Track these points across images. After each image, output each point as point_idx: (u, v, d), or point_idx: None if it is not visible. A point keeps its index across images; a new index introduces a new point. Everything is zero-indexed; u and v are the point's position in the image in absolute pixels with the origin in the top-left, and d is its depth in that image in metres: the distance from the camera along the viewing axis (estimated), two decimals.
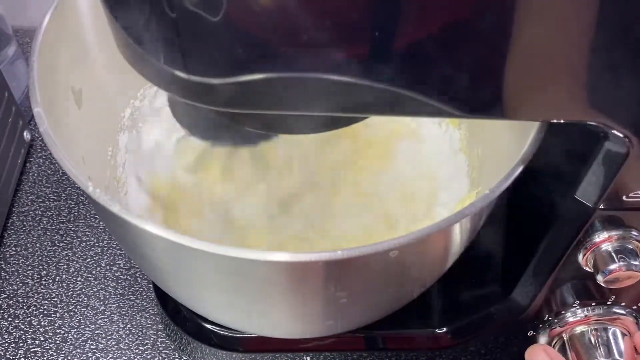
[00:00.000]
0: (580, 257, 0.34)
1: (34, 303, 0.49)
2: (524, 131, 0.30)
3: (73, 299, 0.49)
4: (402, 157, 0.49)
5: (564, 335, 0.39)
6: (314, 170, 0.46)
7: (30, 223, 0.54)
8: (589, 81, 0.24)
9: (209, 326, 0.41)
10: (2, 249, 0.52)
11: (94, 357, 0.46)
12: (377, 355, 0.43)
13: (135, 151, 0.45)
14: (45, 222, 0.54)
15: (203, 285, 0.32)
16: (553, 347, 0.41)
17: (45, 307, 0.49)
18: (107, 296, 0.49)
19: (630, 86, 0.24)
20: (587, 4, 0.21)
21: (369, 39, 0.21)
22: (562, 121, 0.25)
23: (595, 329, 0.38)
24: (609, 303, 0.38)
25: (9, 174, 0.53)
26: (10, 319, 0.48)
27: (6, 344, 0.47)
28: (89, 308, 0.49)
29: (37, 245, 0.52)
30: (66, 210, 0.55)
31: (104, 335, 0.47)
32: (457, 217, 0.27)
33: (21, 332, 0.47)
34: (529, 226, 0.38)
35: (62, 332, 0.48)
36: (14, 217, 0.54)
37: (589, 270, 0.35)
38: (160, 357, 0.47)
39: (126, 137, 0.44)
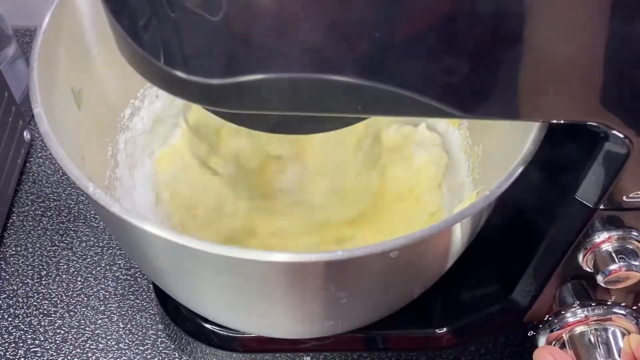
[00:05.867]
0: (580, 257, 0.34)
1: (34, 303, 0.49)
2: (524, 131, 0.30)
3: (73, 299, 0.49)
4: (401, 157, 0.49)
5: (564, 335, 0.39)
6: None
7: (30, 223, 0.54)
8: (590, 82, 0.24)
9: (209, 326, 0.41)
10: (2, 249, 0.52)
11: (94, 357, 0.46)
12: (377, 355, 0.43)
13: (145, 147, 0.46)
14: (45, 222, 0.54)
15: (203, 285, 0.32)
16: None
17: (45, 307, 0.49)
18: (107, 296, 0.49)
19: (631, 87, 0.24)
20: (589, 5, 0.21)
21: (369, 39, 0.21)
22: (562, 121, 0.25)
23: (595, 329, 0.38)
24: (609, 303, 0.38)
25: (9, 174, 0.53)
26: (10, 319, 0.48)
27: (6, 344, 0.47)
28: (89, 308, 0.49)
29: (37, 245, 0.52)
30: (66, 210, 0.55)
31: (104, 335, 0.47)
32: (457, 218, 0.27)
33: (21, 332, 0.47)
34: (529, 226, 0.38)
35: (62, 332, 0.48)
36: (14, 217, 0.54)
37: (589, 270, 0.35)
38: (160, 357, 0.47)
39: (126, 137, 0.44)
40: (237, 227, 0.44)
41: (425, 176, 0.46)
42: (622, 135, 0.26)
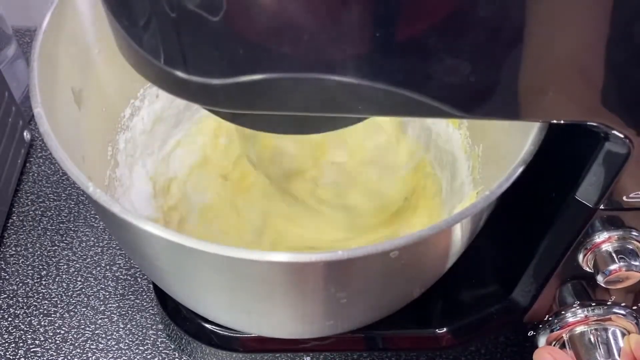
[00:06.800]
0: (580, 257, 0.34)
1: (34, 303, 0.49)
2: (524, 131, 0.30)
3: (73, 299, 0.49)
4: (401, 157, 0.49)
5: (564, 335, 0.39)
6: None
7: (30, 223, 0.54)
8: (590, 82, 0.24)
9: (209, 326, 0.41)
10: (2, 249, 0.52)
11: (94, 357, 0.46)
12: (377, 355, 0.43)
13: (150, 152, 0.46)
14: (45, 222, 0.54)
15: (203, 286, 0.32)
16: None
17: (45, 307, 0.49)
18: (107, 296, 0.49)
19: (631, 87, 0.24)
20: (590, 5, 0.21)
21: (369, 39, 0.21)
22: (562, 122, 0.25)
23: (595, 329, 0.38)
24: (609, 303, 0.38)
25: (9, 174, 0.53)
26: (10, 319, 0.48)
27: (6, 344, 0.47)
28: (89, 308, 0.49)
29: (37, 245, 0.52)
30: (66, 210, 0.55)
31: (104, 335, 0.47)
32: (458, 218, 0.27)
33: (21, 332, 0.47)
34: (529, 226, 0.38)
35: (62, 332, 0.48)
36: (14, 217, 0.54)
37: (589, 270, 0.35)
38: (160, 357, 0.46)
39: (126, 137, 0.44)
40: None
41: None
42: (622, 135, 0.26)
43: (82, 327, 0.48)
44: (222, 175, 0.47)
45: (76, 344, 0.47)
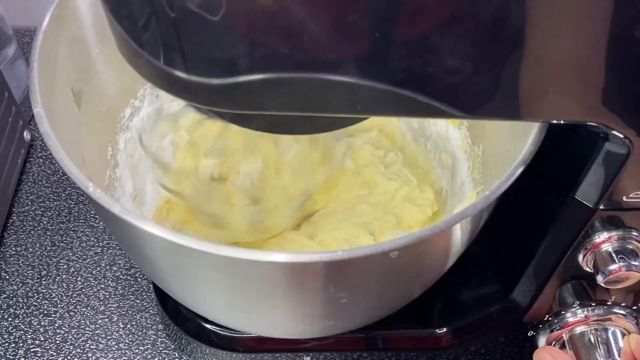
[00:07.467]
0: (580, 257, 0.34)
1: (34, 303, 0.49)
2: (524, 131, 0.30)
3: (73, 299, 0.49)
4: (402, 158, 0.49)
5: (564, 335, 0.39)
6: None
7: (30, 223, 0.54)
8: (590, 82, 0.24)
9: (209, 326, 0.41)
10: (2, 249, 0.52)
11: (94, 357, 0.46)
12: (377, 355, 0.43)
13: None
14: (45, 222, 0.54)
15: (203, 286, 0.32)
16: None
17: (45, 307, 0.49)
18: (107, 296, 0.49)
19: (631, 87, 0.24)
20: (590, 5, 0.21)
21: (369, 39, 0.21)
22: (562, 122, 0.25)
23: (595, 329, 0.38)
24: (609, 303, 0.38)
25: (9, 174, 0.53)
26: (10, 319, 0.48)
27: (6, 344, 0.47)
28: (89, 308, 0.49)
29: (37, 245, 0.52)
30: (66, 210, 0.55)
31: (104, 335, 0.47)
32: (458, 218, 0.27)
33: (21, 332, 0.47)
34: (529, 226, 0.38)
35: (62, 332, 0.48)
36: (14, 217, 0.54)
37: (589, 270, 0.35)
38: (160, 357, 0.47)
39: (126, 137, 0.44)
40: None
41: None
42: (622, 135, 0.26)
43: (82, 327, 0.48)
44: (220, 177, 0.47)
45: (76, 344, 0.47)
